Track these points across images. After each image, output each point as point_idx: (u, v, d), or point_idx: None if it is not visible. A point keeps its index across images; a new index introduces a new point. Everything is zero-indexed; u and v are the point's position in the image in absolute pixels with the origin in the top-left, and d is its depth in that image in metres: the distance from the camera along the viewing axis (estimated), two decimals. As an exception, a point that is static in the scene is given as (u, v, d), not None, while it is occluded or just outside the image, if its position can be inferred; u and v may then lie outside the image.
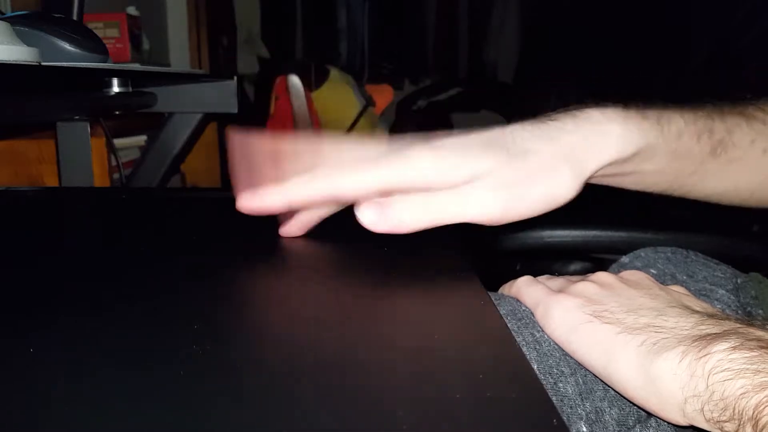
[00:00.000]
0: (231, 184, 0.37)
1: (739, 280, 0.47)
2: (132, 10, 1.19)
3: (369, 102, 2.22)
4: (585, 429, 0.35)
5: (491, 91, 2.43)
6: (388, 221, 0.34)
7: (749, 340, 0.28)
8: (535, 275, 0.42)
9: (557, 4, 2.20)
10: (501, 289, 0.43)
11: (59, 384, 0.21)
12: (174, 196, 0.63)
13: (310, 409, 0.20)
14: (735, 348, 0.27)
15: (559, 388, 0.36)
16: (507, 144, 0.35)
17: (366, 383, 0.22)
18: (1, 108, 0.67)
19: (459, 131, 0.36)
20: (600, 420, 0.36)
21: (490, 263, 0.78)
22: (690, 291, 0.39)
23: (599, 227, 0.78)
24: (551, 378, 0.36)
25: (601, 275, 0.39)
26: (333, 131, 2.02)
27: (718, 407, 0.27)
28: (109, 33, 1.12)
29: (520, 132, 0.35)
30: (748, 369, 0.26)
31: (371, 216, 0.34)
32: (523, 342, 0.37)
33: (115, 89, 0.86)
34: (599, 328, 0.33)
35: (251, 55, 2.43)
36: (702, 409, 0.28)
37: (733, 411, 0.26)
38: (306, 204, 0.37)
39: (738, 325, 0.30)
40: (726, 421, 0.27)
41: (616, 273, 0.39)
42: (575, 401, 0.36)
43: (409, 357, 0.24)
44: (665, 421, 0.30)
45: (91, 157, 0.91)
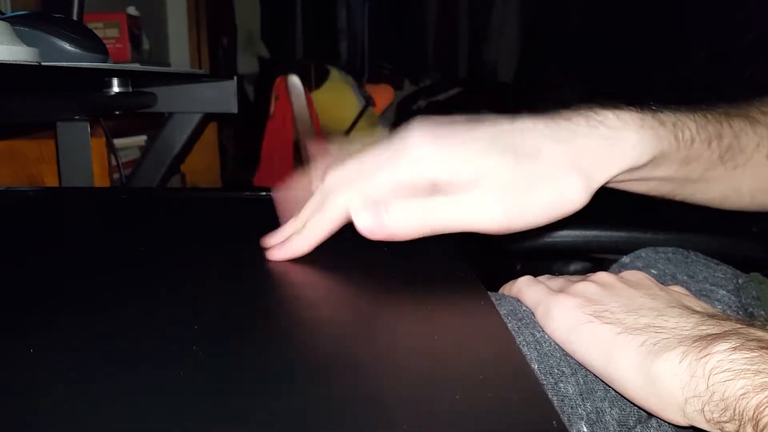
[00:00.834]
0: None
1: (740, 280, 0.47)
2: (132, 10, 1.19)
3: (369, 102, 2.22)
4: (586, 429, 0.35)
5: (491, 91, 2.43)
6: (385, 229, 0.33)
7: (750, 340, 0.28)
8: (536, 275, 0.42)
9: (557, 4, 2.20)
10: (501, 289, 0.43)
11: (59, 384, 0.21)
12: (174, 196, 0.63)
13: (309, 409, 0.20)
14: (735, 348, 0.27)
15: (560, 388, 0.36)
16: (515, 143, 0.33)
17: (366, 383, 0.22)
18: (1, 108, 0.67)
19: (466, 118, 0.34)
20: (600, 420, 0.36)
21: (490, 263, 0.78)
22: (690, 291, 0.39)
23: (599, 227, 0.78)
24: (552, 378, 0.36)
25: (602, 275, 0.39)
26: (333, 131, 2.02)
27: (718, 408, 0.27)
28: (109, 33, 1.12)
29: (530, 129, 0.34)
30: (748, 369, 0.26)
31: (368, 222, 0.33)
32: (524, 342, 0.37)
33: (115, 89, 0.86)
34: (599, 328, 0.33)
35: (251, 55, 2.44)
36: (702, 410, 0.28)
37: (734, 411, 0.26)
38: (329, 234, 0.35)
39: (738, 326, 0.30)
40: (726, 422, 0.26)
41: (616, 273, 0.39)
42: (576, 401, 0.36)
43: (410, 357, 0.24)
44: (666, 422, 0.30)
45: (91, 157, 0.91)
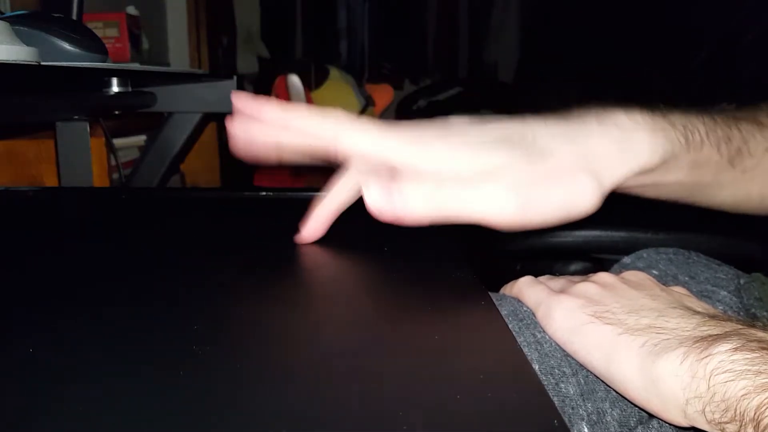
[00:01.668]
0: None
1: (742, 281, 0.46)
2: (131, 9, 1.19)
3: (369, 102, 2.21)
4: (586, 430, 0.35)
5: (491, 91, 2.43)
6: (394, 207, 0.31)
7: (751, 341, 0.28)
8: (536, 275, 0.42)
9: (557, 3, 2.20)
10: (502, 290, 0.43)
11: (59, 384, 0.21)
12: (174, 196, 0.62)
13: (310, 409, 0.20)
14: (736, 349, 0.27)
15: (561, 388, 0.36)
16: (526, 141, 0.33)
17: (366, 383, 0.22)
18: (1, 108, 0.67)
19: (477, 119, 0.34)
20: (601, 421, 0.36)
21: (491, 264, 0.78)
22: (692, 292, 0.39)
23: (600, 227, 0.78)
24: (552, 378, 0.36)
25: (603, 276, 0.39)
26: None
27: (719, 408, 0.27)
28: (109, 33, 1.12)
29: (541, 129, 0.33)
30: (749, 370, 0.26)
31: (377, 198, 0.31)
32: (525, 342, 0.37)
33: (115, 89, 0.86)
34: (600, 328, 0.33)
35: (251, 55, 2.43)
36: (703, 411, 0.27)
37: (735, 412, 0.26)
38: (299, 138, 0.33)
39: (740, 327, 0.30)
40: (727, 423, 0.26)
41: (617, 274, 0.39)
42: (577, 402, 0.36)
43: (410, 357, 0.24)
44: (667, 423, 0.30)
45: (91, 157, 0.91)
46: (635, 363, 0.30)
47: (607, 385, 0.33)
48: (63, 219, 0.47)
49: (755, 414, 0.25)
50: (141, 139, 1.13)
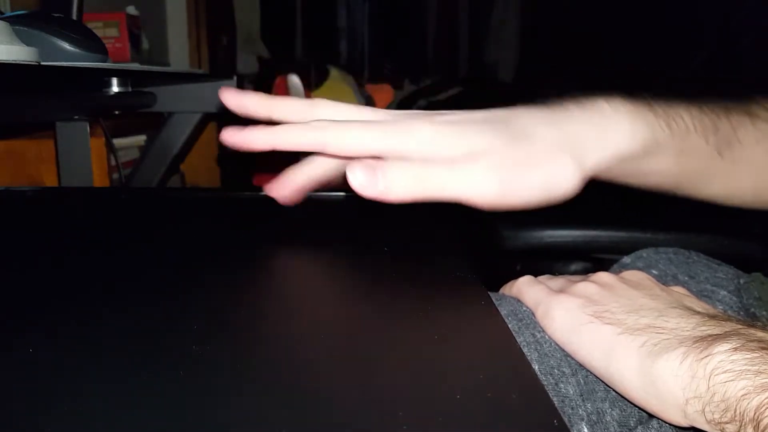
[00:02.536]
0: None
1: (742, 280, 0.46)
2: (131, 9, 1.19)
3: (369, 102, 2.22)
4: (586, 430, 0.35)
5: (491, 91, 2.43)
6: (378, 185, 0.31)
7: (751, 341, 0.28)
8: (536, 275, 0.42)
9: (558, 3, 2.20)
10: (502, 290, 0.43)
11: (58, 384, 0.21)
12: (174, 196, 0.62)
13: (310, 409, 0.20)
14: (736, 349, 0.27)
15: (560, 389, 0.36)
16: (510, 125, 0.33)
17: (366, 383, 0.22)
18: (1, 108, 0.67)
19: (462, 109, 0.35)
20: (601, 421, 0.36)
21: (490, 263, 0.78)
22: (691, 292, 0.39)
23: (600, 227, 0.78)
24: (552, 379, 0.36)
25: (602, 275, 0.39)
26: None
27: (719, 408, 0.27)
28: (109, 33, 1.12)
29: (524, 115, 0.34)
30: (749, 370, 0.26)
31: (361, 177, 0.31)
32: (524, 342, 0.37)
33: (115, 89, 0.86)
34: (600, 328, 0.33)
35: (251, 55, 2.43)
36: (703, 411, 0.27)
37: (735, 412, 0.26)
38: (291, 149, 0.34)
39: (739, 326, 0.30)
40: (727, 423, 0.26)
41: (617, 273, 0.39)
42: (576, 402, 0.36)
43: (410, 357, 0.24)
44: (666, 423, 0.30)
45: (91, 157, 0.91)
46: (635, 363, 0.30)
47: (607, 385, 0.33)
48: (63, 219, 0.47)
49: (755, 414, 0.25)
50: (141, 139, 1.13)
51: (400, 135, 0.33)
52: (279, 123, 0.35)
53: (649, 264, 0.49)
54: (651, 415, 0.34)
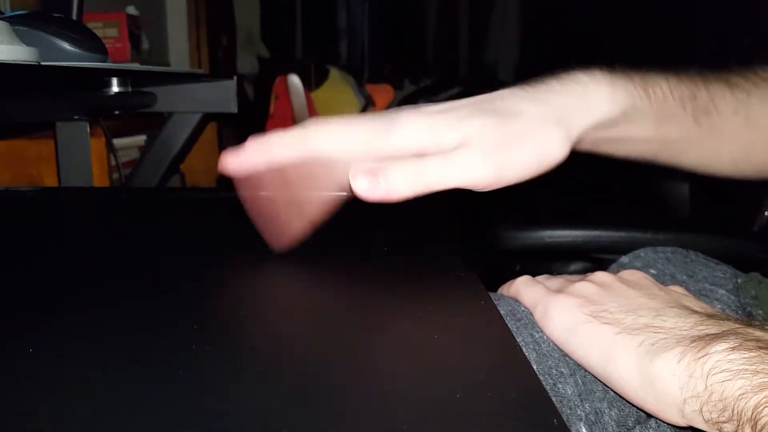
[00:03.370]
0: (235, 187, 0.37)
1: (739, 280, 0.47)
2: (131, 9, 1.19)
3: (369, 102, 2.22)
4: (584, 430, 0.35)
5: (491, 91, 2.43)
6: (380, 188, 0.32)
7: (748, 340, 0.28)
8: (535, 275, 0.42)
9: (558, 3, 2.20)
10: (500, 290, 0.43)
11: (58, 384, 0.21)
12: (173, 196, 0.63)
13: (310, 409, 0.20)
14: (734, 348, 0.27)
15: (559, 389, 0.36)
16: (496, 107, 0.35)
17: (366, 383, 0.22)
18: (1, 108, 0.67)
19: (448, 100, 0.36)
20: (599, 421, 0.36)
21: (490, 263, 0.78)
22: (690, 291, 0.39)
23: (599, 227, 0.78)
24: (550, 379, 0.36)
25: (600, 275, 0.39)
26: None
27: (716, 408, 0.27)
28: (109, 33, 1.12)
29: (509, 95, 0.36)
30: (746, 369, 0.26)
31: (364, 183, 0.32)
32: (523, 342, 0.37)
33: (115, 89, 0.86)
34: (598, 328, 0.33)
35: (251, 55, 2.43)
36: (701, 410, 0.28)
37: (732, 411, 0.26)
38: (289, 162, 0.34)
39: (737, 326, 0.30)
40: (725, 422, 0.26)
41: (615, 273, 0.39)
42: (574, 402, 0.36)
43: (409, 357, 0.24)
44: (664, 422, 0.30)
45: (91, 157, 0.91)
46: (632, 362, 0.30)
47: (605, 385, 0.34)
48: (63, 219, 0.47)
49: (753, 413, 0.25)
50: (141, 139, 1.13)
51: (392, 135, 0.33)
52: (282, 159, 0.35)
53: (648, 263, 0.49)
54: (649, 415, 0.34)
